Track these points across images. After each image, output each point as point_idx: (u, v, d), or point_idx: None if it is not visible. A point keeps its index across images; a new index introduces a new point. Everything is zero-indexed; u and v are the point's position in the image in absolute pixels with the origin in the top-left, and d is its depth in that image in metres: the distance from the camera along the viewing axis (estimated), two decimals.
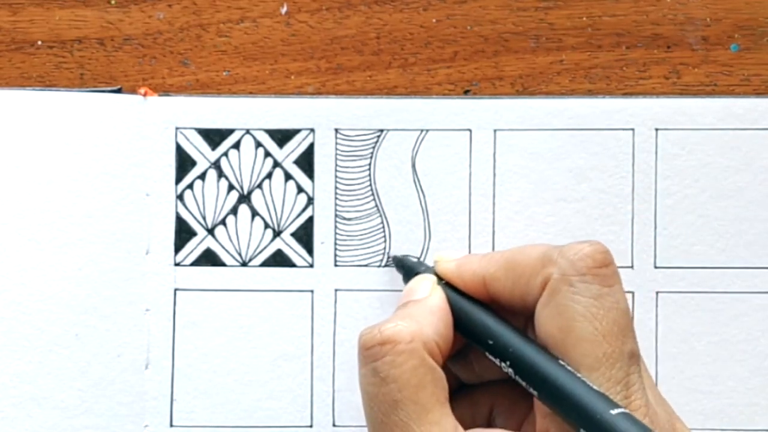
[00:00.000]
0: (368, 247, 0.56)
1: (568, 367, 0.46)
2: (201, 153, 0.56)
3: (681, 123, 0.56)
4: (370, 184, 0.56)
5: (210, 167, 0.56)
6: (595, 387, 0.45)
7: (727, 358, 0.55)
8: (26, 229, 0.55)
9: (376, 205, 0.56)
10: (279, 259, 0.56)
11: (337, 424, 0.56)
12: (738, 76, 0.56)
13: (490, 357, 0.49)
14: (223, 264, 0.56)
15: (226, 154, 0.56)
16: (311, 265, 0.56)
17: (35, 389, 0.55)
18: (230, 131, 0.56)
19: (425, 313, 0.49)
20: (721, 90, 0.56)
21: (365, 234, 0.56)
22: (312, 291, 0.56)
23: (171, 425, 0.55)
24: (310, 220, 0.56)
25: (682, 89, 0.56)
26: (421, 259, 0.56)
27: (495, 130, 0.56)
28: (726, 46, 0.56)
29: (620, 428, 0.43)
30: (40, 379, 0.55)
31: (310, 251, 0.56)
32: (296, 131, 0.56)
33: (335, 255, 0.56)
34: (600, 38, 0.57)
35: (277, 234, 0.56)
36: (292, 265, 0.56)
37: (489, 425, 0.51)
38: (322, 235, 0.56)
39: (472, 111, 0.56)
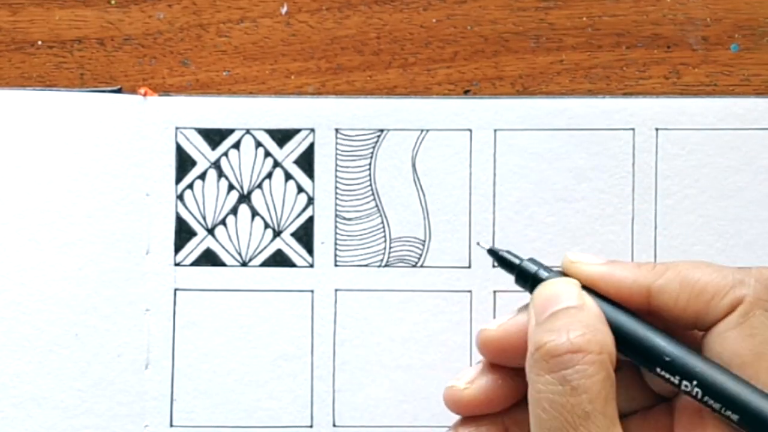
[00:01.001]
0: (368, 247, 0.56)
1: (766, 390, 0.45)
2: (201, 153, 0.56)
3: (681, 123, 0.56)
4: (370, 184, 0.56)
5: (210, 167, 0.56)
6: None
7: None
8: (26, 229, 0.55)
9: (376, 205, 0.56)
10: (279, 259, 0.56)
11: (337, 424, 0.56)
12: (738, 76, 0.56)
13: (665, 375, 0.47)
14: (223, 264, 0.56)
15: (226, 154, 0.56)
16: (311, 265, 0.56)
17: (35, 389, 0.54)
18: (230, 131, 0.56)
19: (598, 322, 0.47)
20: (721, 90, 0.56)
21: (365, 234, 0.56)
22: (312, 291, 0.56)
23: (171, 425, 0.55)
24: (311, 220, 0.56)
25: (682, 89, 0.56)
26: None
27: (495, 130, 0.56)
28: (726, 46, 0.56)
29: None
30: (40, 379, 0.54)
31: (310, 251, 0.56)
32: (296, 131, 0.56)
33: (335, 255, 0.56)
34: (600, 38, 0.56)
35: (277, 234, 0.56)
36: (292, 265, 0.56)
37: None
38: (322, 235, 0.56)
39: (472, 111, 0.56)
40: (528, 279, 0.49)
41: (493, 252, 0.50)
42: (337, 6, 0.57)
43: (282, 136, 0.56)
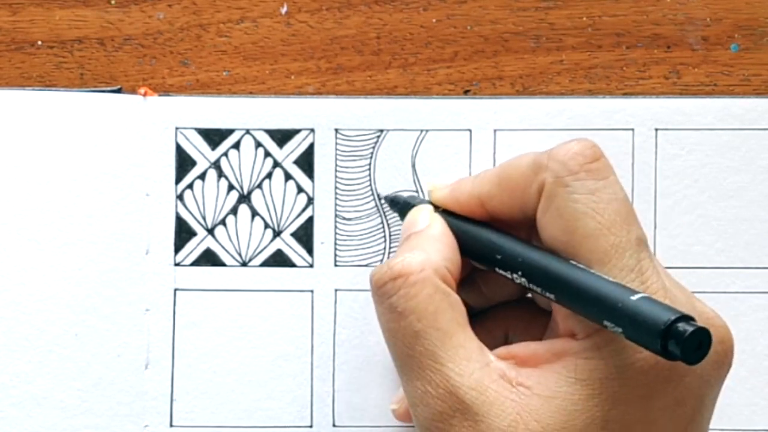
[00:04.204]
0: (368, 247, 0.56)
1: (580, 265, 0.45)
2: (201, 153, 0.56)
3: (681, 123, 0.56)
4: (370, 184, 0.56)
5: (210, 167, 0.56)
6: (609, 278, 0.44)
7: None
8: (26, 229, 0.55)
9: (376, 205, 0.56)
10: (279, 259, 0.56)
11: (337, 424, 0.55)
12: (738, 76, 0.56)
13: (501, 272, 0.48)
14: (223, 264, 0.56)
15: (226, 154, 0.56)
16: (311, 265, 0.56)
17: (35, 389, 0.54)
18: (230, 131, 0.56)
19: (430, 241, 0.49)
20: (721, 90, 0.56)
21: (365, 234, 0.56)
22: (312, 291, 0.56)
23: (171, 425, 0.55)
24: (310, 220, 0.56)
25: (682, 89, 0.56)
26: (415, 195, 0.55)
27: (495, 130, 0.56)
28: (726, 46, 0.56)
29: (643, 311, 0.42)
30: (40, 379, 0.54)
31: (310, 251, 0.56)
32: (296, 131, 0.56)
33: (335, 255, 0.56)
34: (600, 38, 0.56)
35: (277, 234, 0.56)
36: (292, 265, 0.56)
37: None
38: (322, 235, 0.56)
39: (472, 111, 0.56)
40: (406, 211, 0.52)
41: (386, 198, 0.55)
42: (337, 6, 0.56)
43: (282, 136, 0.56)
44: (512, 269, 0.47)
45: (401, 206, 0.54)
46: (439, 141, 0.55)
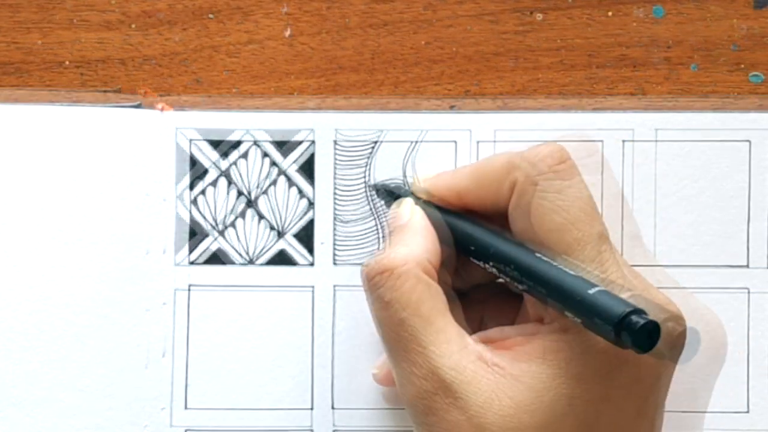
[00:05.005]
0: (365, 247, 0.41)
1: (545, 258, 0.36)
2: (202, 153, 0.40)
3: (681, 123, 0.40)
4: (367, 189, 0.40)
5: (210, 167, 0.40)
6: (571, 272, 0.35)
7: (726, 357, 0.37)
8: (26, 229, 0.39)
9: (372, 209, 0.41)
10: (282, 259, 0.40)
11: (336, 407, 0.40)
12: (697, 93, 0.42)
13: (474, 261, 0.38)
14: (224, 263, 0.38)
15: (226, 154, 0.40)
16: (312, 264, 0.41)
17: (35, 389, 0.38)
18: (230, 131, 0.40)
19: (411, 235, 0.39)
20: (681, 106, 0.42)
21: (362, 235, 0.41)
22: (313, 288, 0.40)
23: (171, 425, 0.38)
24: (311, 222, 0.40)
25: (647, 104, 0.42)
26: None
27: (495, 131, 0.39)
28: (686, 65, 0.43)
29: (600, 304, 0.33)
30: (40, 379, 0.37)
31: (311, 251, 0.41)
32: (296, 131, 0.40)
33: (334, 254, 0.41)
34: (573, 58, 0.43)
35: (280, 235, 0.38)
36: (294, 263, 0.40)
37: (481, 330, 0.40)
38: (322, 236, 0.41)
39: (472, 111, 0.41)
40: (389, 198, 0.41)
41: (372, 186, 0.42)
42: (335, 29, 0.43)
43: (282, 136, 0.40)
44: (484, 260, 0.37)
45: (385, 195, 0.41)
46: (438, 141, 0.40)
